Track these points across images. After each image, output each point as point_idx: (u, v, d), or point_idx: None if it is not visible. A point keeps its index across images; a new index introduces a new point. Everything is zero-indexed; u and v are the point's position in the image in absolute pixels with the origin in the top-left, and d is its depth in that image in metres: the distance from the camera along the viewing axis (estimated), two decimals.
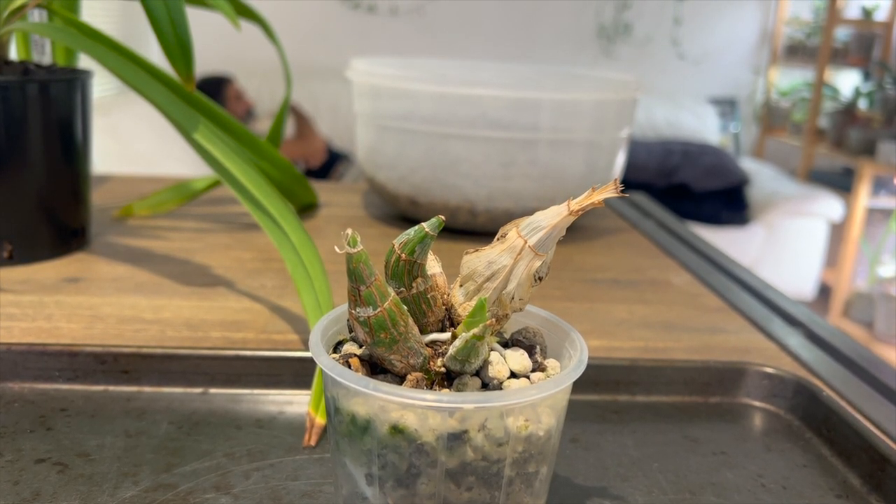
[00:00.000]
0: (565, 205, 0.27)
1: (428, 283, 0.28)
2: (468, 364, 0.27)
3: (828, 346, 0.53)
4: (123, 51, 0.58)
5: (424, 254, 0.28)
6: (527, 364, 0.29)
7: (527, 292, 0.29)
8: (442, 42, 3.34)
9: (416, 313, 0.29)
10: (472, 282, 0.29)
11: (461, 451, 0.26)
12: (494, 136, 0.68)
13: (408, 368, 0.28)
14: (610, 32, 3.46)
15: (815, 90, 3.31)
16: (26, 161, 0.56)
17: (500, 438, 0.26)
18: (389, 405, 0.26)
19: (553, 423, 0.28)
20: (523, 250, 0.28)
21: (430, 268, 0.30)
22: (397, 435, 0.26)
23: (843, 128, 3.14)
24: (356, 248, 0.26)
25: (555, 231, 0.27)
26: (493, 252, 0.28)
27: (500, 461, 0.26)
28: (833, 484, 0.36)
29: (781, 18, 3.61)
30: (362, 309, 0.27)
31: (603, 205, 0.27)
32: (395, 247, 0.27)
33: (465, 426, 0.25)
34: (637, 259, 0.70)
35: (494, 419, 0.26)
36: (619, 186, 0.26)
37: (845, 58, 3.39)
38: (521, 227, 0.28)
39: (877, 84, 3.20)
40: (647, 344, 0.51)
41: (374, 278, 0.26)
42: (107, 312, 0.50)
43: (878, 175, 2.87)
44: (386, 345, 0.27)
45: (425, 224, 0.27)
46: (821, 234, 2.96)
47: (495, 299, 0.29)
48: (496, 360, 0.28)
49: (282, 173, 0.71)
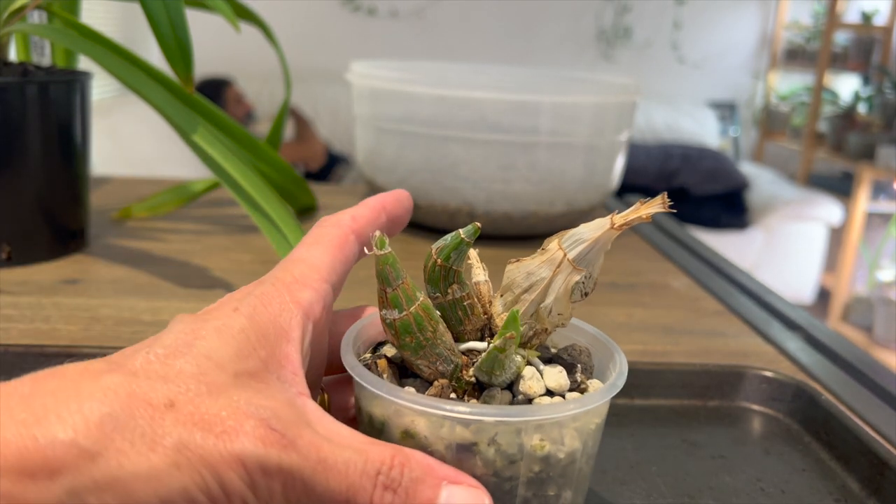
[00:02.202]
0: (608, 218, 0.26)
1: (465, 291, 0.28)
2: (494, 376, 0.26)
3: (827, 349, 0.53)
4: (123, 52, 0.58)
5: (460, 260, 0.27)
6: (564, 382, 0.27)
7: (566, 307, 0.28)
8: (442, 45, 3.34)
9: (451, 320, 0.28)
10: (510, 293, 0.28)
11: (471, 463, 0.25)
12: (494, 139, 0.68)
13: (436, 375, 0.27)
14: (610, 36, 3.47)
15: (814, 94, 3.32)
16: (25, 162, 0.56)
17: (513, 455, 0.25)
18: (404, 409, 0.25)
19: (577, 447, 0.26)
20: (562, 263, 0.27)
21: (475, 275, 0.29)
22: (408, 440, 0.25)
23: (842, 132, 3.15)
24: (384, 251, 0.26)
25: (597, 245, 0.26)
26: (532, 263, 0.27)
27: (512, 479, 0.25)
28: (832, 488, 0.36)
29: (781, 23, 3.61)
30: (388, 311, 0.26)
31: (650, 220, 0.26)
32: (433, 252, 0.27)
33: (475, 438, 0.25)
34: (636, 262, 0.70)
35: (508, 434, 0.25)
36: (668, 202, 0.25)
37: (845, 62, 3.40)
38: (563, 239, 0.27)
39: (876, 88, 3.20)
40: (646, 347, 0.51)
41: (402, 281, 0.26)
42: (105, 314, 0.50)
43: (878, 179, 2.88)
44: (412, 349, 0.26)
45: (462, 230, 0.27)
46: (820, 238, 2.97)
47: (532, 312, 0.28)
48: (530, 376, 0.27)
49: (281, 176, 0.70)
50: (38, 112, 0.56)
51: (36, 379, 0.22)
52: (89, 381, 0.22)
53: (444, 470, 0.24)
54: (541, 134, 0.68)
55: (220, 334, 0.24)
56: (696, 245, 0.77)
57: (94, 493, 0.20)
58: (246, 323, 0.25)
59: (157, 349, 0.23)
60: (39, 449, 0.20)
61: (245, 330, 0.24)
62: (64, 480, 0.20)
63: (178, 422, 0.21)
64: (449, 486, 0.23)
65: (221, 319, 0.25)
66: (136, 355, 0.23)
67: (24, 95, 0.55)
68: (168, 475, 0.21)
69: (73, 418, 0.20)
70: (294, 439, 0.22)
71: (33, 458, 0.20)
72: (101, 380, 0.22)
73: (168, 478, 0.21)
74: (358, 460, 0.23)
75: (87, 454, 0.20)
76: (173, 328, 0.25)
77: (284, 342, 0.25)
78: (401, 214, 0.31)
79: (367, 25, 3.30)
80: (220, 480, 0.21)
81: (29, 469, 0.20)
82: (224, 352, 0.24)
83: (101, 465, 0.20)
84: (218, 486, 0.21)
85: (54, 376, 0.22)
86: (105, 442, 0.20)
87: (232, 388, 0.23)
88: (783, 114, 3.60)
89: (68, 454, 0.20)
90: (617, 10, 3.44)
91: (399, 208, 0.31)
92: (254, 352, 0.24)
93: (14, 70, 0.57)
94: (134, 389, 0.22)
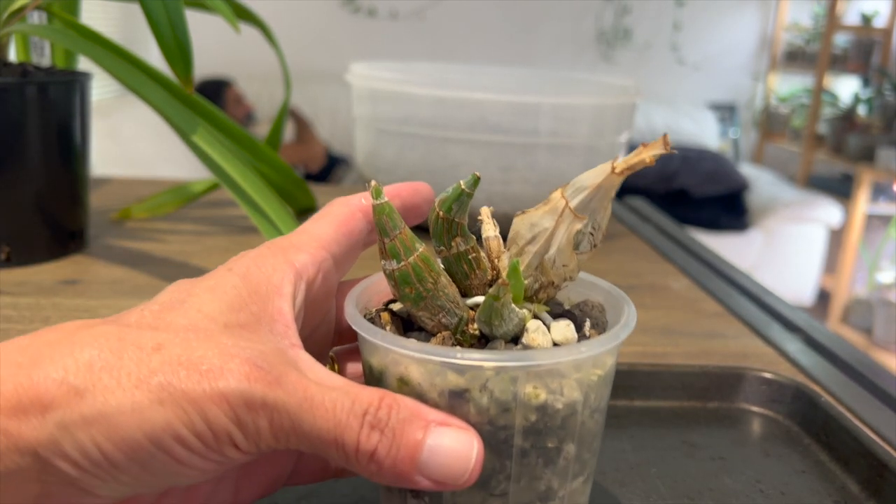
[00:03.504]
0: (610, 163, 0.25)
1: (469, 244, 0.27)
2: (494, 327, 0.26)
3: (827, 351, 0.53)
4: (123, 53, 0.58)
5: (462, 212, 0.27)
6: (571, 336, 0.27)
7: (570, 258, 0.27)
8: (441, 46, 3.34)
9: (457, 273, 0.28)
10: (515, 245, 0.28)
11: (464, 410, 0.25)
12: (494, 140, 0.68)
13: (439, 327, 0.27)
14: (609, 37, 3.47)
15: (814, 96, 3.32)
16: (25, 163, 0.56)
17: (506, 403, 0.25)
18: (399, 357, 0.25)
19: (577, 398, 0.26)
20: (564, 212, 0.26)
21: (486, 231, 0.29)
22: (404, 387, 0.25)
23: (842, 134, 3.15)
24: (380, 200, 0.26)
25: (599, 192, 0.26)
26: (536, 214, 0.27)
27: (507, 427, 0.25)
28: (831, 490, 0.36)
29: (781, 24, 3.62)
30: (387, 262, 0.26)
31: (654, 162, 0.25)
32: (435, 204, 0.27)
33: (468, 385, 0.24)
34: (636, 264, 0.70)
35: (502, 382, 0.24)
36: (669, 143, 0.24)
37: (844, 64, 3.40)
38: (566, 188, 0.26)
39: (876, 90, 3.20)
40: (646, 349, 0.51)
41: (399, 231, 0.26)
42: (104, 315, 0.50)
43: (877, 181, 2.88)
44: (412, 300, 0.26)
45: (462, 181, 0.27)
46: (820, 239, 2.97)
47: (537, 264, 0.27)
48: (534, 329, 0.26)
49: (281, 176, 0.70)
50: (38, 113, 0.56)
51: (36, 333, 0.23)
52: (84, 331, 0.23)
53: (433, 413, 0.24)
54: (540, 135, 0.68)
55: (212, 291, 0.25)
56: (695, 246, 0.77)
57: (83, 429, 0.21)
58: (238, 281, 0.25)
59: (152, 306, 0.25)
60: (33, 386, 0.21)
61: (237, 287, 0.25)
62: (55, 415, 0.21)
63: (164, 362, 0.22)
64: (437, 428, 0.23)
65: (215, 279, 0.25)
66: (132, 312, 0.24)
67: (24, 96, 0.55)
68: (152, 411, 0.21)
69: (65, 360, 0.22)
70: (279, 377, 0.23)
71: (28, 394, 0.21)
72: (95, 329, 0.23)
73: (152, 413, 0.21)
74: (345, 400, 0.23)
75: (76, 390, 0.21)
76: (169, 289, 0.26)
77: (276, 297, 0.25)
78: (418, 203, 0.30)
79: (366, 26, 3.30)
80: (205, 417, 0.22)
81: (23, 405, 0.21)
82: (215, 306, 0.24)
83: (88, 401, 0.21)
84: (203, 423, 0.22)
85: (52, 330, 0.23)
86: (93, 380, 0.22)
87: (221, 335, 0.23)
88: (783, 115, 3.61)
89: (59, 391, 0.21)
90: (617, 11, 3.44)
91: (416, 197, 0.30)
92: (245, 306, 0.25)
93: (14, 70, 0.57)
94: (125, 335, 0.23)
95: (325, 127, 3.05)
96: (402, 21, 3.32)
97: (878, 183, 2.91)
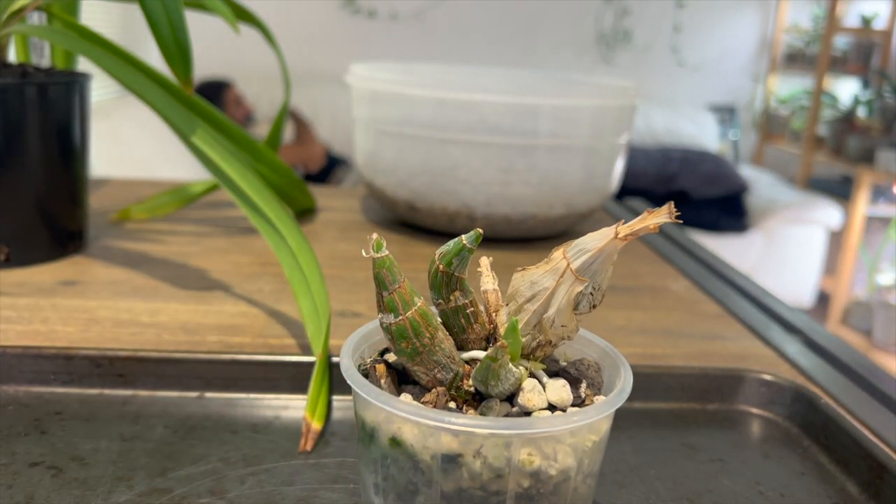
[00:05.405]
0: (613, 228, 0.25)
1: (468, 298, 0.27)
2: (490, 386, 0.26)
3: (826, 353, 0.52)
4: (122, 54, 0.58)
5: (463, 267, 0.27)
6: (566, 397, 0.27)
7: (569, 319, 0.27)
8: (441, 47, 3.34)
9: (454, 327, 0.28)
10: (514, 302, 0.27)
11: (457, 475, 0.24)
12: (493, 141, 0.68)
13: (434, 383, 0.27)
14: (609, 39, 3.47)
15: (814, 98, 3.32)
16: (24, 164, 0.56)
17: (500, 469, 0.24)
18: (392, 416, 0.25)
19: (571, 464, 0.25)
20: (565, 273, 0.26)
21: (484, 283, 0.29)
22: (396, 448, 0.25)
23: (841, 136, 3.15)
24: (380, 254, 0.25)
25: (601, 255, 0.26)
26: (537, 272, 0.27)
27: (500, 493, 0.25)
28: (831, 492, 0.36)
29: (781, 26, 3.62)
30: (385, 315, 0.26)
31: (658, 230, 0.25)
32: (436, 257, 0.27)
33: (461, 449, 0.24)
34: (635, 265, 0.70)
35: (495, 447, 0.24)
36: (675, 212, 0.24)
37: (844, 66, 3.40)
38: (568, 248, 0.26)
39: (876, 92, 3.21)
40: (645, 350, 0.51)
41: (399, 285, 0.26)
42: (103, 316, 0.50)
43: (877, 183, 2.88)
44: (408, 354, 0.26)
45: (464, 237, 0.26)
46: (819, 241, 2.97)
47: (535, 323, 0.27)
48: (530, 388, 0.26)
49: (280, 178, 0.70)
50: (38, 113, 0.56)
51: None
52: None
53: None
54: (540, 137, 0.68)
55: None
56: (695, 248, 0.77)
57: None
58: None
59: None
60: None
61: None
62: None
63: None
64: None
65: None
66: None
67: (24, 97, 0.55)
68: None
69: None
70: None
71: None
72: None
73: None
74: None
75: None
76: None
77: None
78: None
79: (366, 28, 3.30)
80: None
81: None
82: None
83: None
84: None
85: None
86: None
87: None
88: (783, 117, 3.61)
89: None
90: (617, 13, 3.44)
91: None
92: None
93: (13, 71, 0.56)
94: None
95: (324, 128, 3.05)
96: (401, 22, 3.32)
97: (877, 185, 2.91)
